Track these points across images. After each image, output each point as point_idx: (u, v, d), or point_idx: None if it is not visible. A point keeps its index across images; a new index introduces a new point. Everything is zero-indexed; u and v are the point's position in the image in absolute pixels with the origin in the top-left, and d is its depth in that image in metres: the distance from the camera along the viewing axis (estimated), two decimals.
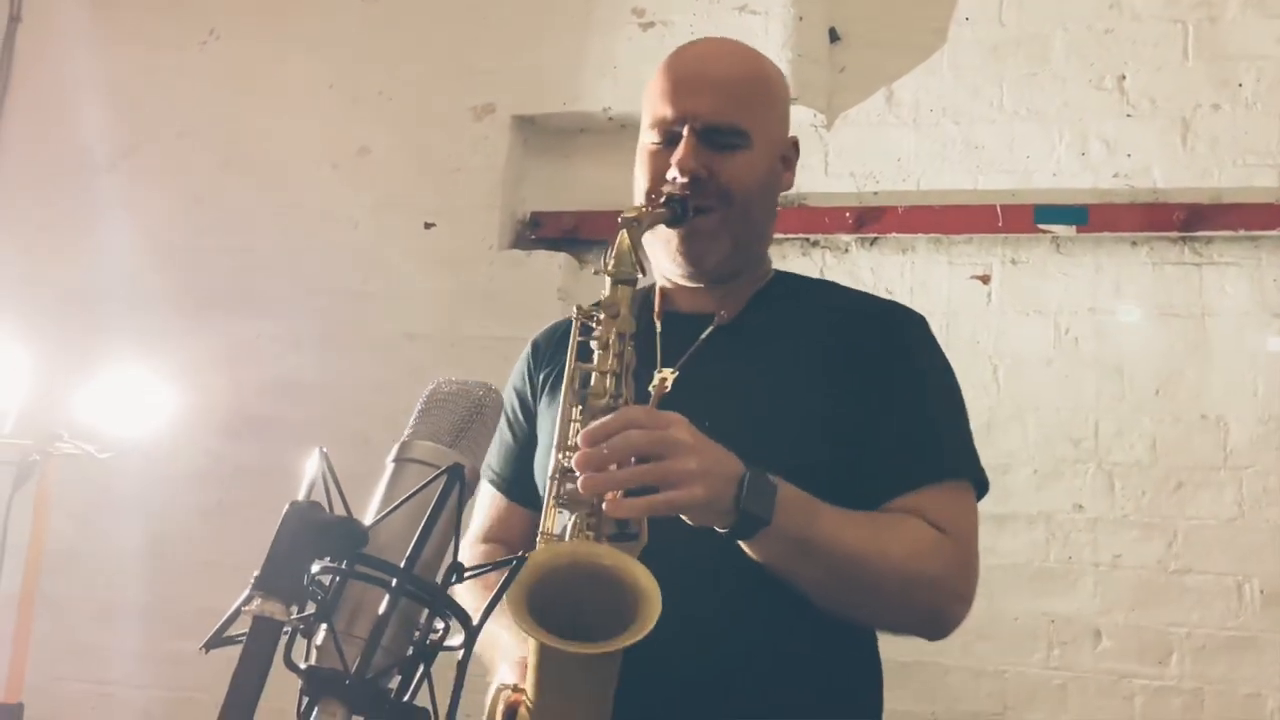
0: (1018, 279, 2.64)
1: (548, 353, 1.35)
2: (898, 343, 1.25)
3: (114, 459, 2.35)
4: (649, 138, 1.27)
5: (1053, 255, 2.63)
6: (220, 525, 2.88)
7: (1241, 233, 2.49)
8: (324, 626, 0.65)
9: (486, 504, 1.37)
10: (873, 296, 1.35)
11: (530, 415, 1.33)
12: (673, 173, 1.21)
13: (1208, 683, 2.37)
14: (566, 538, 1.02)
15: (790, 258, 2.79)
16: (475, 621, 0.68)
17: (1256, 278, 2.49)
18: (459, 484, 0.67)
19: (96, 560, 2.84)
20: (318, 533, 0.63)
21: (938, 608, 1.17)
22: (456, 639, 0.69)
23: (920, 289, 2.69)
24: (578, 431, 1.06)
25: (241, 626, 0.68)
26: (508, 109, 2.93)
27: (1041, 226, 2.61)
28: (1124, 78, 2.64)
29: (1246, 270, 2.50)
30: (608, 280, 1.14)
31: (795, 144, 1.35)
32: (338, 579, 0.65)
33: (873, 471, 1.16)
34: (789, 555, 1.08)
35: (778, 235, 2.75)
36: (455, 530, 0.68)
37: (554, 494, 1.07)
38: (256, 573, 0.62)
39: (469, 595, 0.97)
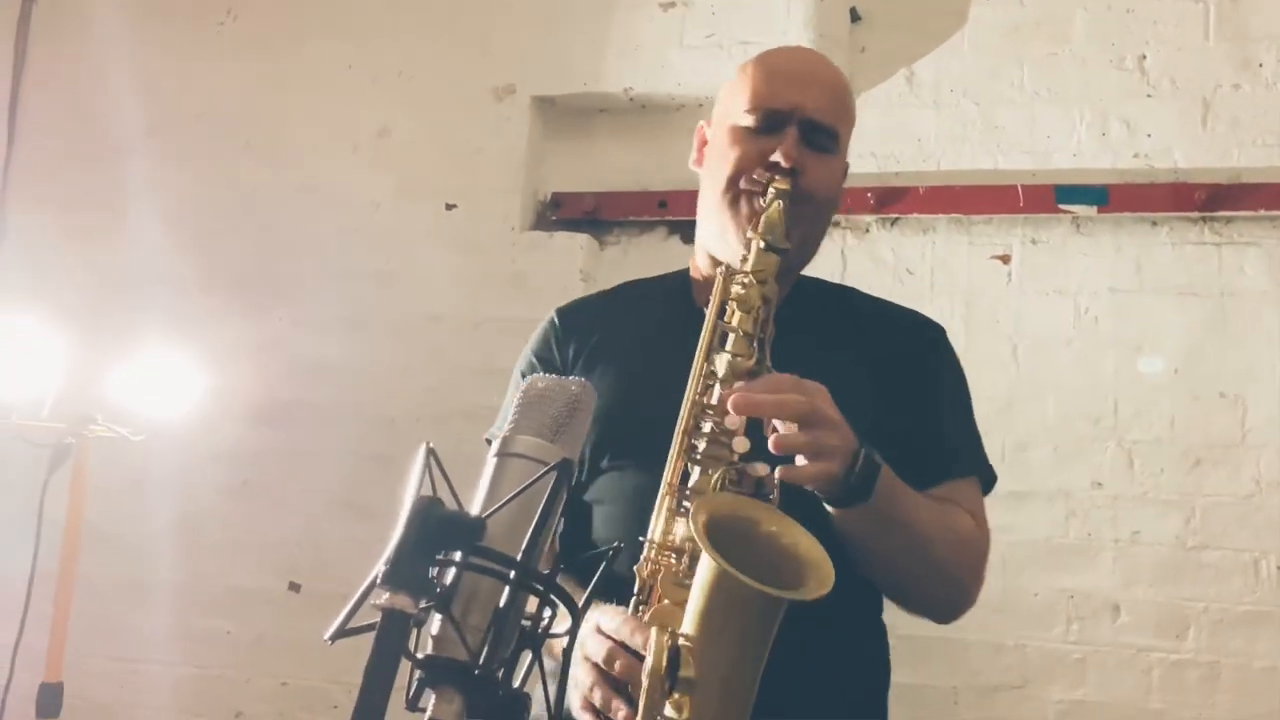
0: (1038, 259, 2.66)
1: (578, 323, 1.37)
2: (926, 351, 1.35)
3: (146, 441, 2.37)
4: (744, 120, 1.28)
5: (1073, 235, 2.65)
6: (247, 505, 2.91)
7: (1262, 213, 2.51)
8: (436, 617, 0.67)
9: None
10: (895, 305, 1.42)
11: None
12: (777, 157, 1.23)
13: (1224, 656, 2.42)
14: (712, 489, 1.05)
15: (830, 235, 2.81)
16: (580, 606, 0.71)
17: (1276, 257, 2.51)
18: (567, 479, 0.69)
19: (129, 540, 2.87)
20: (439, 527, 0.65)
21: (969, 591, 1.27)
22: (560, 626, 0.72)
23: (941, 269, 2.71)
24: (707, 388, 1.10)
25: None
26: (528, 90, 2.93)
27: (1062, 207, 2.63)
28: (1144, 58, 2.65)
29: (1266, 250, 2.52)
30: (755, 246, 1.17)
31: (847, 168, 1.39)
32: (455, 571, 0.67)
33: (909, 463, 1.20)
34: (873, 529, 1.13)
35: None
36: (559, 522, 0.70)
37: (683, 447, 1.10)
38: (383, 566, 0.64)
39: None
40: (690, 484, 1.09)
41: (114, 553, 2.83)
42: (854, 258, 2.77)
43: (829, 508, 1.11)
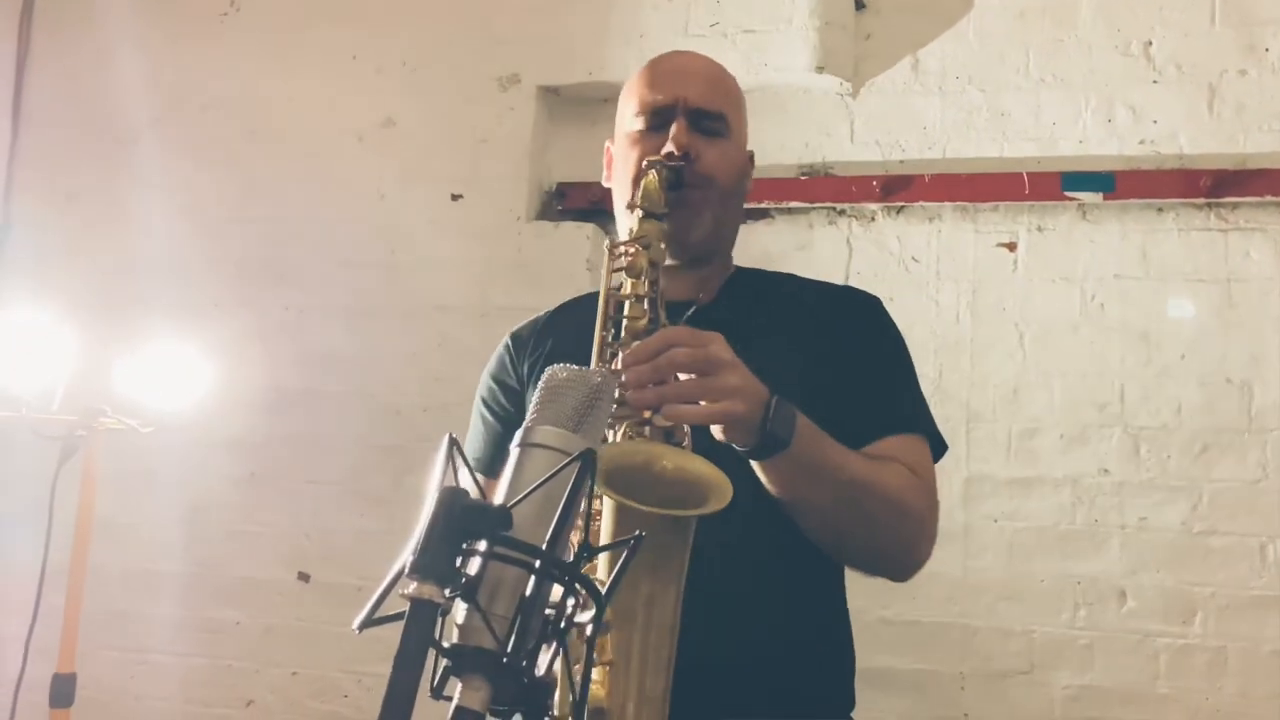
0: (1044, 246, 2.66)
1: (530, 341, 1.42)
2: (860, 319, 1.38)
3: (155, 432, 2.38)
4: (635, 125, 1.35)
5: (1079, 222, 2.65)
6: (255, 495, 2.92)
7: (1268, 198, 2.51)
8: (464, 606, 0.68)
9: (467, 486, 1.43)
10: (830, 284, 1.45)
11: (517, 399, 1.39)
12: (668, 148, 1.29)
13: (1231, 641, 2.43)
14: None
15: (817, 227, 2.81)
16: (604, 596, 0.71)
17: None
18: (591, 469, 0.70)
19: (139, 531, 2.89)
20: (464, 517, 0.66)
21: (916, 543, 1.27)
22: (584, 615, 0.72)
23: (947, 256, 2.71)
24: (613, 355, 1.14)
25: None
26: (533, 79, 2.93)
27: (1068, 194, 2.62)
28: (1150, 43, 2.64)
29: (1272, 236, 2.52)
30: (637, 215, 1.22)
31: (752, 157, 1.44)
32: (483, 560, 0.67)
33: (847, 426, 1.23)
34: (800, 479, 1.15)
35: (804, 205, 2.80)
36: (587, 511, 0.71)
37: None
38: (410, 555, 0.65)
39: None
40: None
41: (124, 544, 2.84)
42: (860, 246, 2.77)
43: (753, 464, 1.13)
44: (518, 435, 0.76)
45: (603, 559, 0.97)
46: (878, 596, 2.50)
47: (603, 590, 0.72)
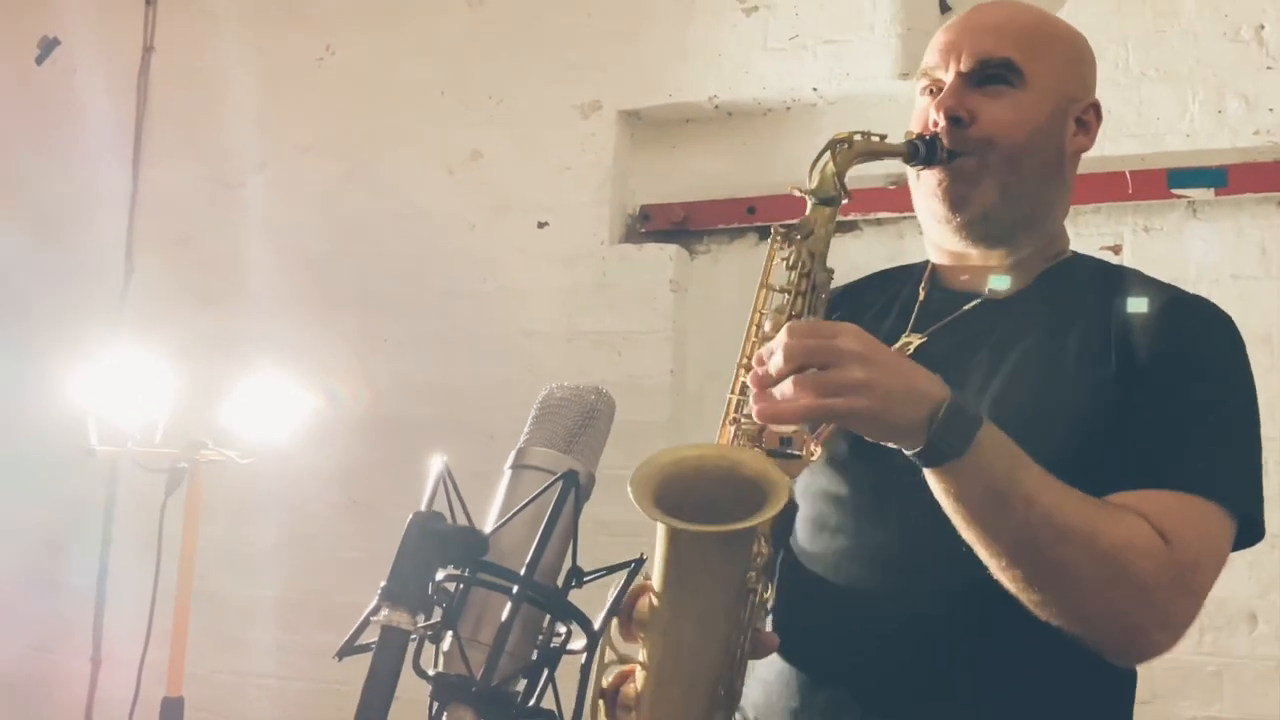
0: (1152, 247, 2.51)
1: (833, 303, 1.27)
2: (1186, 340, 1.11)
3: (255, 463, 2.47)
4: (919, 93, 1.20)
5: (1189, 220, 2.49)
6: (355, 522, 3.00)
7: None
8: (450, 633, 0.66)
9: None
10: (1173, 289, 1.18)
11: None
12: (933, 114, 1.13)
13: None
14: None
15: (908, 237, 2.72)
16: (597, 626, 0.68)
17: None
18: (574, 490, 0.67)
19: (243, 559, 2.99)
20: (440, 542, 0.64)
21: (1133, 621, 1.01)
22: (579, 643, 0.70)
23: None
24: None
25: (371, 634, 0.70)
26: (614, 104, 2.94)
27: (1176, 191, 2.47)
28: (1263, 27, 2.48)
29: None
30: (810, 200, 1.08)
31: (1096, 107, 1.22)
32: (461, 587, 0.66)
33: (1110, 463, 1.04)
34: (980, 503, 0.96)
35: (893, 214, 2.72)
36: (574, 535, 0.68)
37: (731, 411, 1.04)
38: (383, 583, 0.64)
39: None
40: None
41: (231, 571, 2.95)
42: None
43: (926, 474, 0.96)
44: (511, 456, 0.74)
45: (657, 564, 0.90)
46: None
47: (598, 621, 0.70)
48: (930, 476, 0.97)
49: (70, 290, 3.39)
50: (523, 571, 0.65)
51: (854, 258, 2.69)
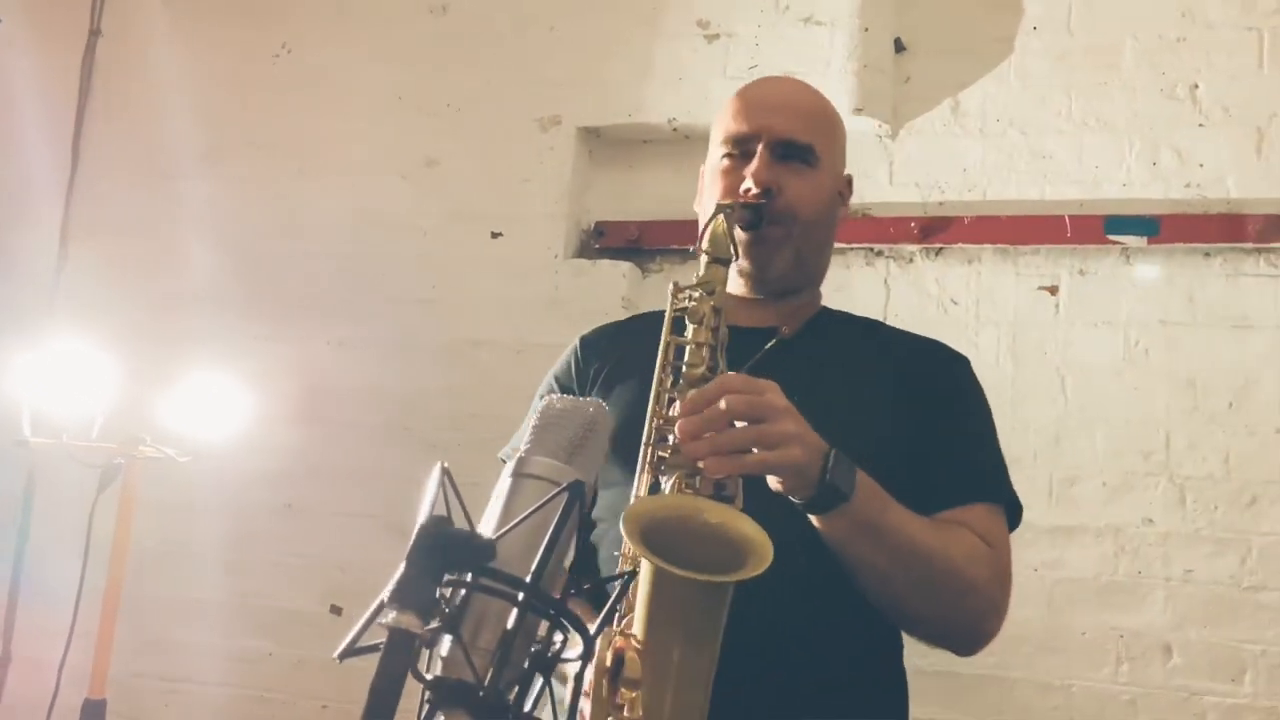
0: (1086, 290, 2.61)
1: (599, 346, 1.42)
2: (946, 378, 1.34)
3: (192, 461, 2.42)
4: (719, 154, 1.33)
5: (1122, 266, 2.60)
6: (290, 527, 2.95)
7: None
8: (448, 638, 0.67)
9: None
10: (920, 336, 1.41)
11: None
12: (747, 184, 1.27)
13: None
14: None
15: (854, 268, 2.79)
16: (592, 633, 0.70)
17: None
18: (580, 500, 0.69)
19: (174, 560, 2.92)
20: (448, 547, 0.65)
21: (980, 616, 1.22)
22: (572, 651, 0.71)
23: (987, 300, 2.68)
24: (671, 402, 1.12)
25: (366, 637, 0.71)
26: (573, 120, 2.96)
27: (1111, 237, 2.58)
28: (1196, 86, 2.60)
29: None
30: (703, 260, 1.19)
31: (850, 182, 1.42)
32: (464, 592, 0.67)
33: (922, 486, 1.20)
34: (859, 538, 1.11)
35: (842, 245, 2.78)
36: (576, 544, 0.70)
37: (648, 459, 1.11)
38: (390, 586, 0.64)
39: None
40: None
41: (159, 572, 2.87)
42: (898, 288, 2.75)
43: (812, 518, 1.10)
44: (511, 465, 0.76)
45: (638, 613, 0.95)
46: (913, 645, 2.43)
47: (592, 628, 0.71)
48: (817, 520, 1.10)
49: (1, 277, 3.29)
50: (528, 579, 0.66)
51: None
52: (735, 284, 1.33)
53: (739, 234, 1.26)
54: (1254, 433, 2.45)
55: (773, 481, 1.07)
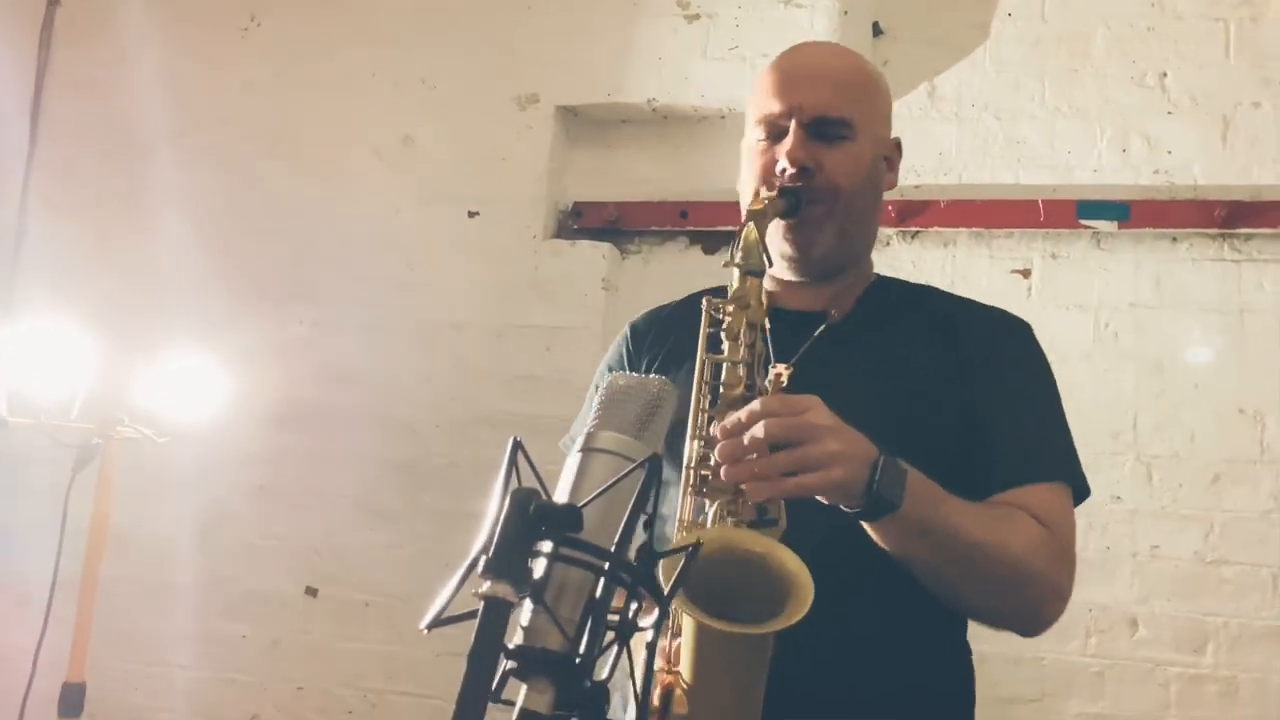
0: (1058, 274, 2.68)
1: (650, 335, 1.38)
2: (1006, 348, 1.29)
3: (170, 443, 2.38)
4: (755, 135, 1.30)
5: (1093, 251, 2.67)
6: (267, 509, 2.92)
7: None
8: (530, 608, 0.68)
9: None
10: (978, 303, 1.36)
11: None
12: (782, 164, 1.24)
13: (1243, 671, 2.42)
14: (708, 525, 1.05)
15: None
16: (665, 600, 0.71)
17: None
18: (658, 474, 0.70)
19: (150, 542, 2.87)
20: (538, 517, 0.66)
21: (1040, 602, 1.20)
22: (646, 620, 0.73)
23: (961, 282, 2.72)
24: (710, 421, 1.10)
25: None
26: (551, 99, 2.94)
27: (1083, 222, 2.64)
28: (1165, 75, 2.67)
29: None
30: (736, 273, 1.16)
31: (898, 145, 1.39)
32: (550, 561, 0.68)
33: (981, 467, 1.19)
34: (912, 540, 1.10)
35: None
36: (651, 517, 0.71)
37: (691, 483, 1.10)
38: (486, 555, 0.65)
39: None
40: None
41: (136, 554, 2.83)
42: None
43: (864, 525, 1.08)
44: (580, 440, 0.76)
45: (685, 652, 0.96)
46: None
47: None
48: (869, 527, 1.09)
49: None
50: (613, 549, 0.67)
51: None
52: (781, 268, 1.30)
53: (776, 222, 1.23)
54: (1218, 413, 2.53)
55: (819, 498, 1.06)
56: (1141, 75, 2.69)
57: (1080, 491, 1.27)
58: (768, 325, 1.21)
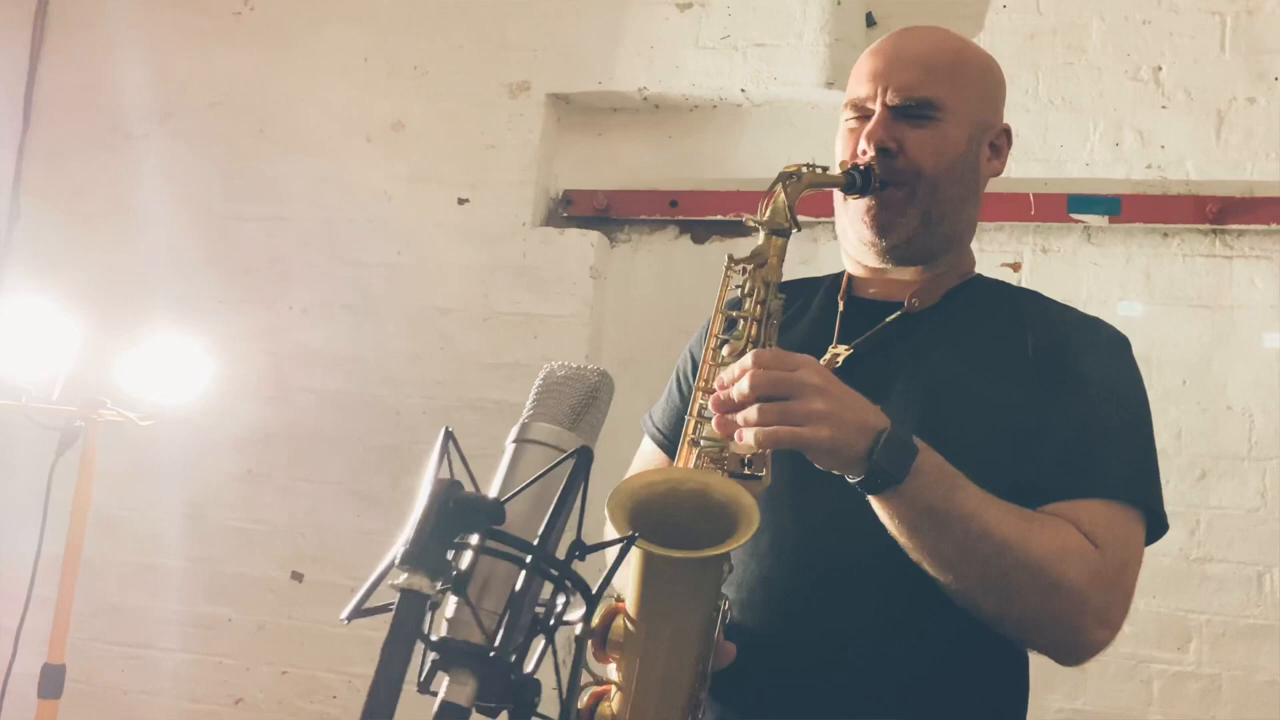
0: (1049, 267, 2.66)
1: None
2: (1095, 359, 1.21)
3: (154, 426, 2.38)
4: (844, 118, 1.27)
5: (1084, 245, 2.65)
6: (252, 493, 2.92)
7: (1273, 226, 2.51)
8: (453, 600, 0.68)
9: (647, 458, 1.35)
10: (1074, 310, 1.29)
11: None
12: (862, 145, 1.21)
13: (1226, 669, 2.42)
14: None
15: (822, 241, 2.80)
16: (594, 592, 0.71)
17: None
18: (587, 466, 0.70)
19: (133, 525, 2.88)
20: (459, 510, 0.66)
21: (1074, 623, 1.08)
22: (574, 614, 0.72)
23: None
24: (713, 374, 1.10)
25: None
26: (543, 86, 2.93)
27: (1074, 216, 2.63)
28: (1160, 69, 2.65)
29: (1277, 263, 2.52)
30: (761, 232, 1.15)
31: (1007, 131, 1.33)
32: (472, 555, 0.67)
33: (1037, 474, 1.12)
34: (920, 523, 1.04)
35: (810, 219, 2.79)
36: (581, 509, 0.71)
37: (690, 433, 1.09)
38: (402, 546, 0.65)
39: None
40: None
41: (119, 537, 2.84)
42: None
43: (871, 501, 1.04)
44: (514, 431, 0.76)
45: (630, 584, 0.96)
46: None
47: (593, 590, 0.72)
48: (874, 502, 1.05)
49: None
50: (535, 542, 0.67)
51: None
52: (865, 254, 1.25)
53: (856, 204, 1.21)
54: (1205, 410, 2.52)
55: (812, 459, 1.02)
56: (1136, 69, 2.66)
57: (1156, 524, 1.16)
58: (841, 307, 1.22)
